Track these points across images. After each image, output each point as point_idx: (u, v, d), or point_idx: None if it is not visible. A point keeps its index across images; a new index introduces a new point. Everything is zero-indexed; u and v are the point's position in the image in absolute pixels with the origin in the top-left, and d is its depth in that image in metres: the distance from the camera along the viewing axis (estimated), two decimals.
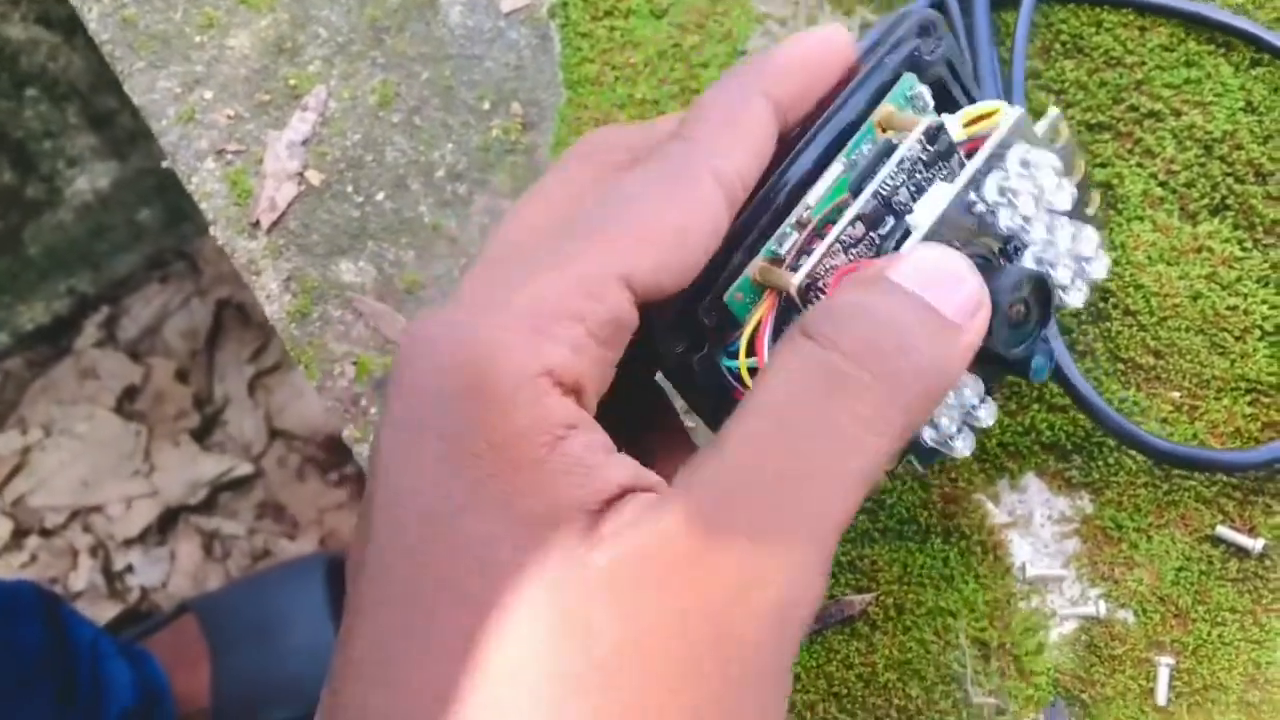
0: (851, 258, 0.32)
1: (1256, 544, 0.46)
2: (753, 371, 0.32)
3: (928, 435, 0.33)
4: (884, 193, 0.32)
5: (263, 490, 1.31)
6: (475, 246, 0.54)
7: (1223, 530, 0.46)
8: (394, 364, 0.30)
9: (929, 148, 0.32)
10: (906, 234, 0.32)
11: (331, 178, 0.55)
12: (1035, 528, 0.47)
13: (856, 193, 0.32)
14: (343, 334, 0.53)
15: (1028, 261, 0.33)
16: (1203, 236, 0.51)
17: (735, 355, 0.32)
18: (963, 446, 0.33)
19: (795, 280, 0.31)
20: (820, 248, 0.31)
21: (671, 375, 0.34)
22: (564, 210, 0.32)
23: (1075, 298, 0.34)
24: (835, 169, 0.32)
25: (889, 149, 0.32)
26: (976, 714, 0.45)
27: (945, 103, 0.35)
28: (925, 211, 0.31)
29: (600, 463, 0.27)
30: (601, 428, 0.28)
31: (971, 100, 0.35)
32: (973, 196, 0.32)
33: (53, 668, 0.89)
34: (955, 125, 0.33)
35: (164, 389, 1.34)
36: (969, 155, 0.33)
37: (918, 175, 0.32)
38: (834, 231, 0.31)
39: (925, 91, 0.34)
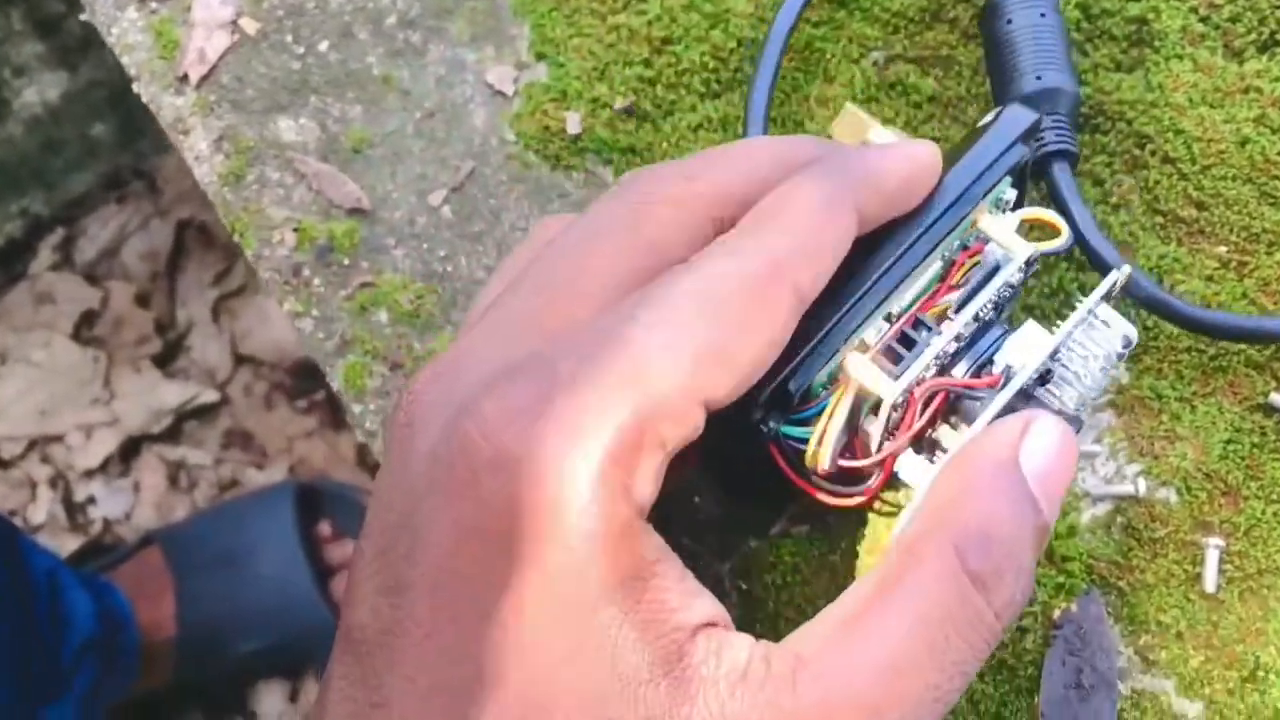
0: (935, 366, 0.32)
1: None
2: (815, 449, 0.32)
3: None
4: (983, 315, 0.33)
5: (229, 418, 1.25)
6: (430, 101, 0.48)
7: (1276, 397, 0.41)
8: (449, 451, 0.27)
9: (1024, 272, 0.34)
10: (989, 359, 0.33)
11: (268, 26, 0.49)
12: None
13: (959, 307, 0.33)
14: (282, 198, 0.47)
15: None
16: (1250, 76, 0.45)
17: (797, 424, 0.32)
18: None
19: (893, 394, 0.31)
20: (917, 364, 0.31)
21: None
22: (613, 270, 0.30)
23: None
24: (934, 265, 0.33)
25: (994, 270, 0.33)
26: None
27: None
28: (1021, 356, 0.32)
29: (681, 603, 0.27)
30: (670, 549, 0.28)
31: (1022, 196, 0.36)
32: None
33: (8, 600, 0.84)
34: (1013, 221, 0.34)
35: (124, 314, 1.28)
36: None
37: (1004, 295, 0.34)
38: (933, 349, 0.31)
39: (1014, 196, 0.34)
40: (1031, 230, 0.34)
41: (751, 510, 0.41)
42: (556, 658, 0.26)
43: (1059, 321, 0.33)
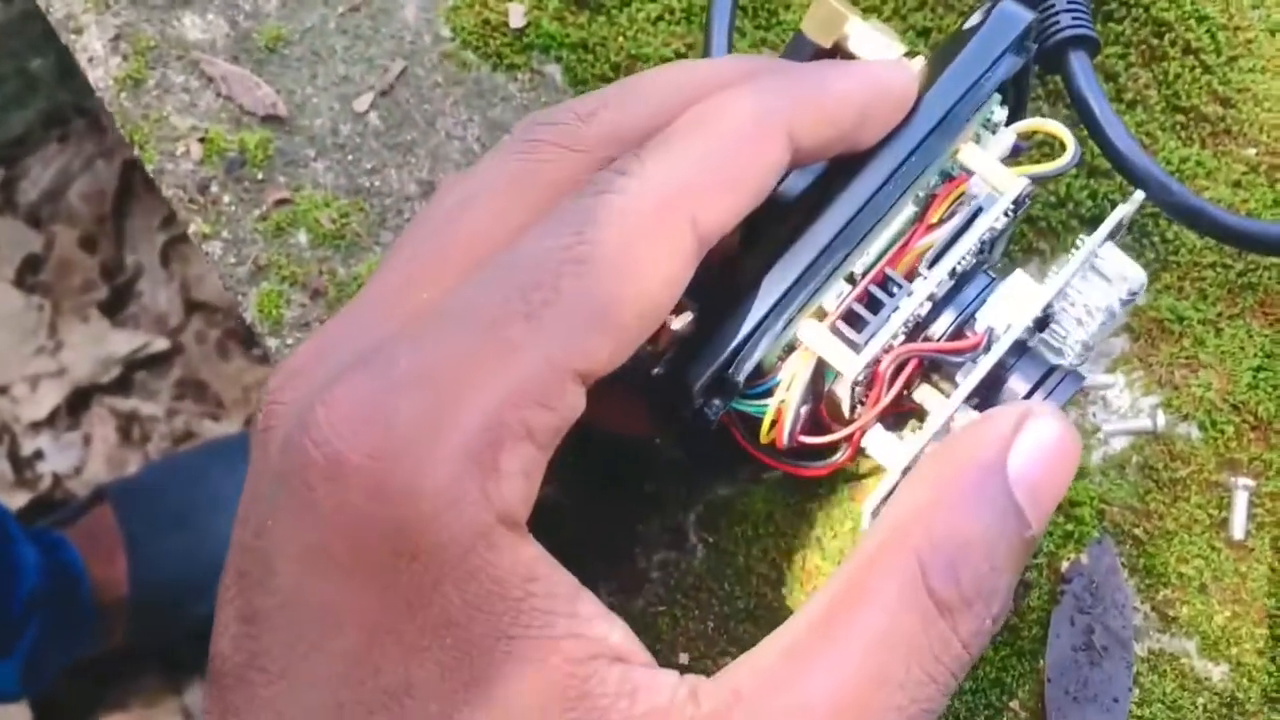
0: (904, 331, 0.28)
1: None
2: (772, 424, 0.28)
3: None
4: (963, 268, 0.28)
5: (181, 367, 1.20)
6: None
7: None
8: (286, 463, 0.23)
9: (1014, 212, 0.29)
10: (969, 318, 0.29)
11: None
12: None
13: (933, 262, 0.28)
14: (187, 105, 0.42)
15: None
16: None
17: (751, 398, 0.28)
18: None
19: (854, 369, 0.27)
20: (883, 332, 0.28)
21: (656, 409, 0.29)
22: (488, 234, 0.26)
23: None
24: (906, 209, 0.29)
25: (976, 212, 0.29)
26: None
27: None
28: (1007, 314, 0.28)
29: (568, 628, 0.23)
30: (561, 565, 0.24)
31: (1022, 105, 0.31)
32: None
33: None
34: (1004, 142, 0.30)
35: (68, 258, 1.22)
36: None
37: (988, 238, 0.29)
38: (901, 313, 0.28)
39: (1004, 116, 0.30)
40: (1034, 140, 0.29)
41: (716, 468, 0.37)
42: (427, 698, 0.22)
43: (1063, 246, 0.28)
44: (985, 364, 0.28)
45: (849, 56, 0.30)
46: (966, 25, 0.30)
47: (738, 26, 0.41)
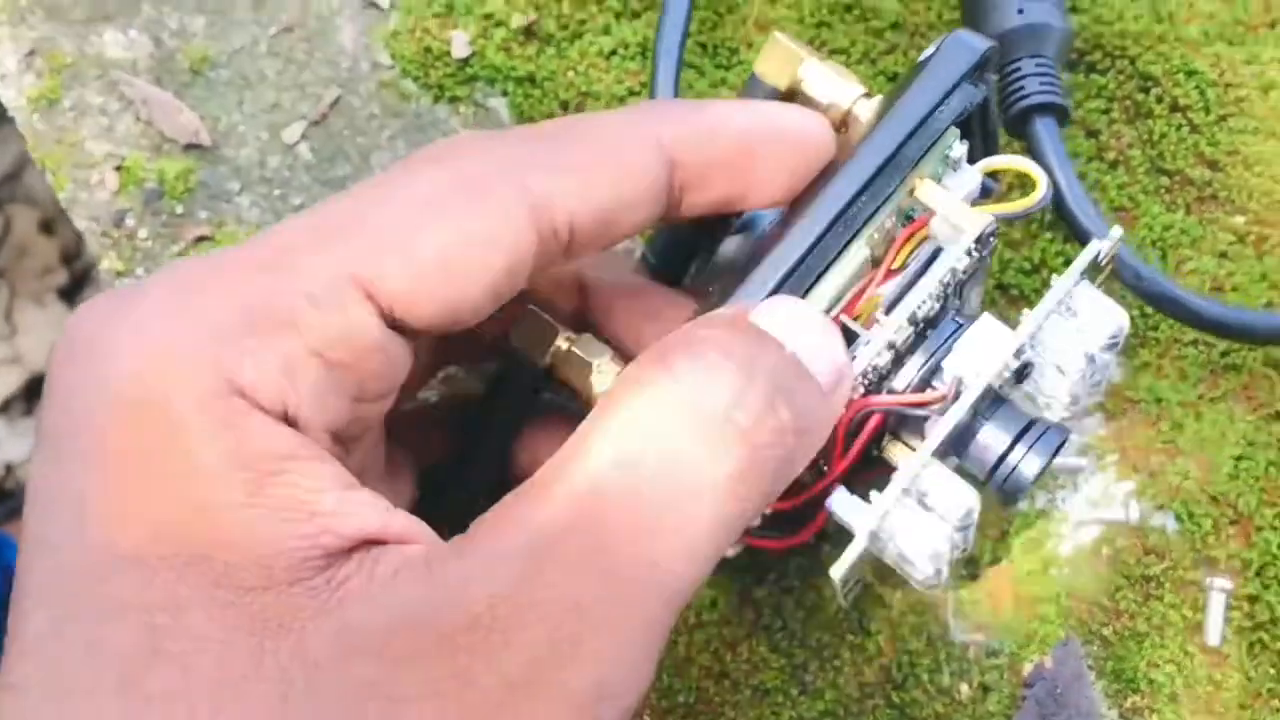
0: (864, 384, 0.26)
1: None
2: None
3: (917, 577, 0.26)
4: (923, 314, 0.26)
5: None
6: (288, 12, 0.39)
7: None
8: (49, 364, 0.23)
9: (979, 251, 0.27)
10: (936, 368, 0.27)
11: None
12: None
13: (890, 307, 0.26)
14: (104, 129, 0.39)
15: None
16: (1278, 8, 0.37)
17: None
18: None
19: None
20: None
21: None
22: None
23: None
24: (859, 253, 0.26)
25: (935, 253, 0.27)
26: (958, 656, 0.33)
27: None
28: (975, 362, 0.26)
29: (329, 505, 0.22)
30: (338, 461, 0.23)
31: (990, 142, 0.29)
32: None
33: None
34: (968, 181, 0.28)
35: (26, 241, 1.19)
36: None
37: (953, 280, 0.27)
38: (858, 362, 0.26)
39: (963, 152, 0.28)
40: (1002, 180, 0.27)
41: None
42: (116, 556, 0.21)
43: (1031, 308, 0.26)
44: (953, 416, 0.25)
45: (806, 100, 0.29)
46: (922, 57, 0.28)
47: (695, 65, 0.38)
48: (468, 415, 0.30)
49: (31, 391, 1.16)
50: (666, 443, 0.22)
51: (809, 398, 0.24)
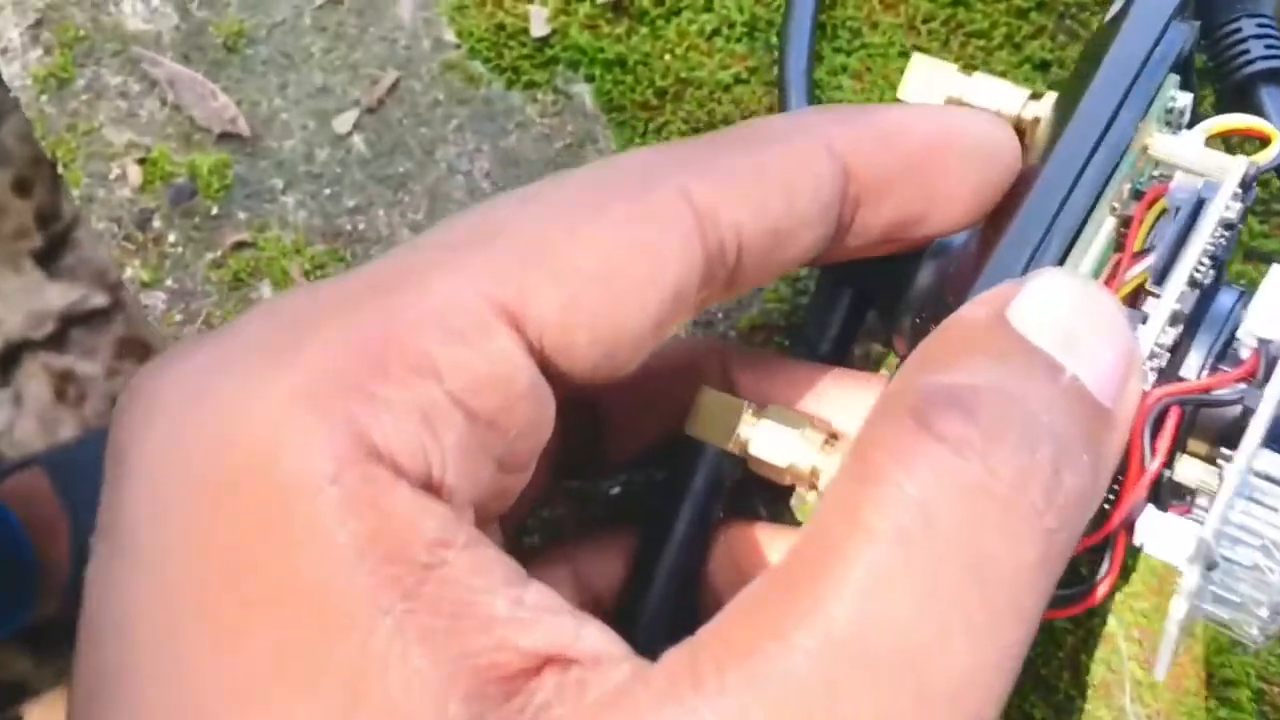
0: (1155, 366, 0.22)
1: None
2: None
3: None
4: (1201, 277, 0.22)
5: (122, 325, 1.14)
6: None
7: None
8: (111, 440, 0.19)
9: (1241, 200, 0.23)
10: (1227, 345, 0.22)
11: None
12: None
13: (1161, 275, 0.23)
14: (125, 115, 0.34)
15: None
16: None
17: None
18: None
19: None
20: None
21: None
22: None
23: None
24: (1104, 224, 0.23)
25: (1197, 207, 0.23)
26: None
27: None
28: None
29: (502, 609, 0.17)
30: (497, 545, 0.18)
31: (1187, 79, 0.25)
32: None
33: None
34: (1195, 139, 0.24)
35: (0, 202, 1.13)
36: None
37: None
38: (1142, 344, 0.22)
39: (1188, 104, 0.25)
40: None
41: None
42: (286, 688, 0.16)
43: None
44: (1275, 391, 0.21)
45: None
46: (1109, 16, 0.25)
47: (816, 50, 0.33)
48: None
49: (7, 360, 1.11)
50: (962, 549, 0.18)
51: (1103, 445, 0.19)
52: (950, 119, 0.23)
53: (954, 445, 0.18)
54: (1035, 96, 0.26)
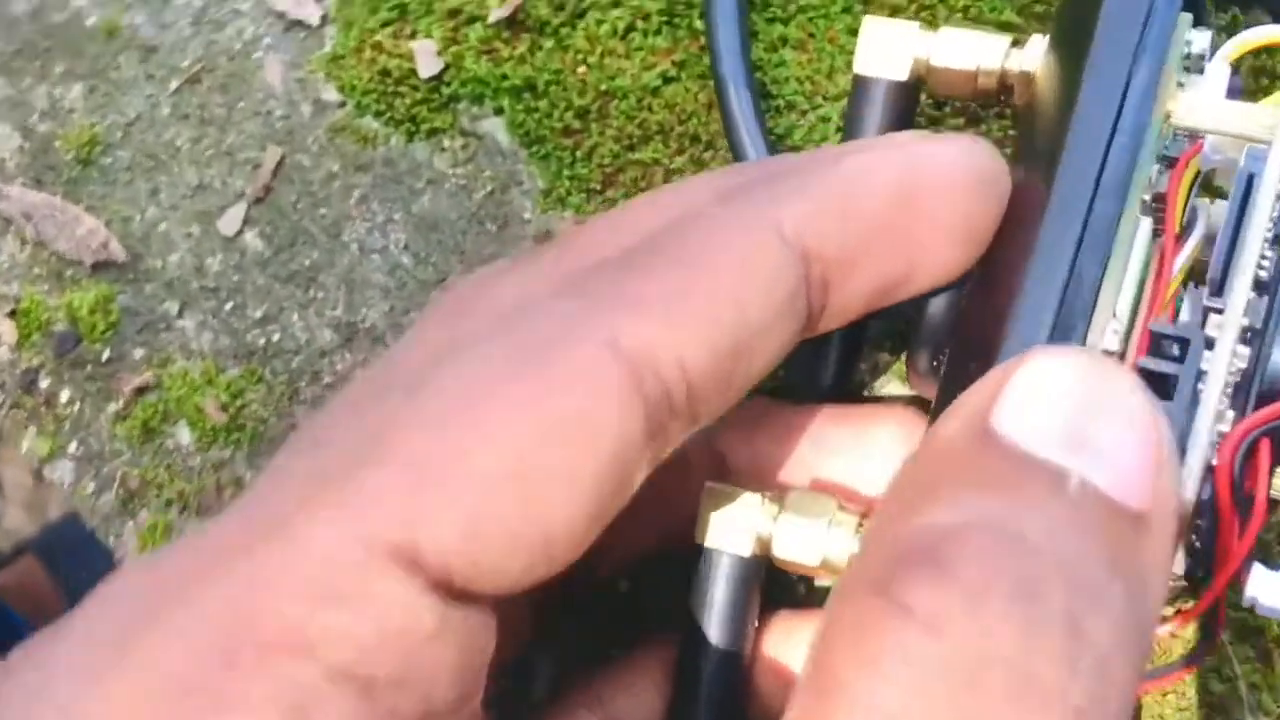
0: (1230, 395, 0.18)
1: None
2: None
3: None
4: (1269, 270, 0.19)
5: None
6: (189, 55, 0.29)
7: None
8: None
9: None
10: None
11: None
12: None
13: (1222, 280, 0.19)
14: None
15: None
16: None
17: None
18: None
19: (1186, 495, 0.18)
20: (1199, 421, 0.18)
21: None
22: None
23: None
24: (1140, 226, 0.19)
25: (1248, 182, 0.19)
26: None
27: None
28: None
29: None
30: None
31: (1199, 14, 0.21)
32: None
33: None
34: (1220, 69, 0.21)
35: None
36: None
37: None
38: (1214, 381, 0.18)
39: (1207, 42, 0.21)
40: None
41: None
42: None
43: None
44: None
45: (942, 79, 0.23)
46: None
47: (749, 25, 0.28)
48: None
49: None
50: None
51: (1141, 558, 0.15)
52: (914, 156, 0.20)
53: (925, 622, 0.14)
54: (1018, 44, 0.22)
